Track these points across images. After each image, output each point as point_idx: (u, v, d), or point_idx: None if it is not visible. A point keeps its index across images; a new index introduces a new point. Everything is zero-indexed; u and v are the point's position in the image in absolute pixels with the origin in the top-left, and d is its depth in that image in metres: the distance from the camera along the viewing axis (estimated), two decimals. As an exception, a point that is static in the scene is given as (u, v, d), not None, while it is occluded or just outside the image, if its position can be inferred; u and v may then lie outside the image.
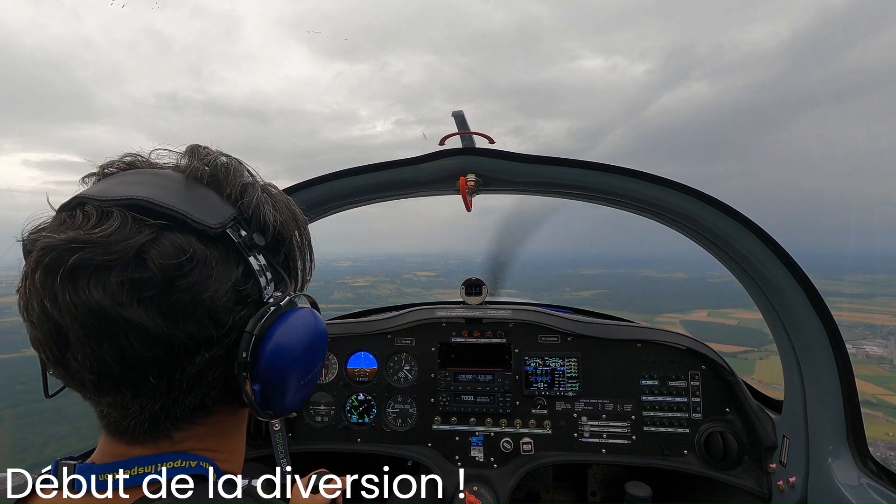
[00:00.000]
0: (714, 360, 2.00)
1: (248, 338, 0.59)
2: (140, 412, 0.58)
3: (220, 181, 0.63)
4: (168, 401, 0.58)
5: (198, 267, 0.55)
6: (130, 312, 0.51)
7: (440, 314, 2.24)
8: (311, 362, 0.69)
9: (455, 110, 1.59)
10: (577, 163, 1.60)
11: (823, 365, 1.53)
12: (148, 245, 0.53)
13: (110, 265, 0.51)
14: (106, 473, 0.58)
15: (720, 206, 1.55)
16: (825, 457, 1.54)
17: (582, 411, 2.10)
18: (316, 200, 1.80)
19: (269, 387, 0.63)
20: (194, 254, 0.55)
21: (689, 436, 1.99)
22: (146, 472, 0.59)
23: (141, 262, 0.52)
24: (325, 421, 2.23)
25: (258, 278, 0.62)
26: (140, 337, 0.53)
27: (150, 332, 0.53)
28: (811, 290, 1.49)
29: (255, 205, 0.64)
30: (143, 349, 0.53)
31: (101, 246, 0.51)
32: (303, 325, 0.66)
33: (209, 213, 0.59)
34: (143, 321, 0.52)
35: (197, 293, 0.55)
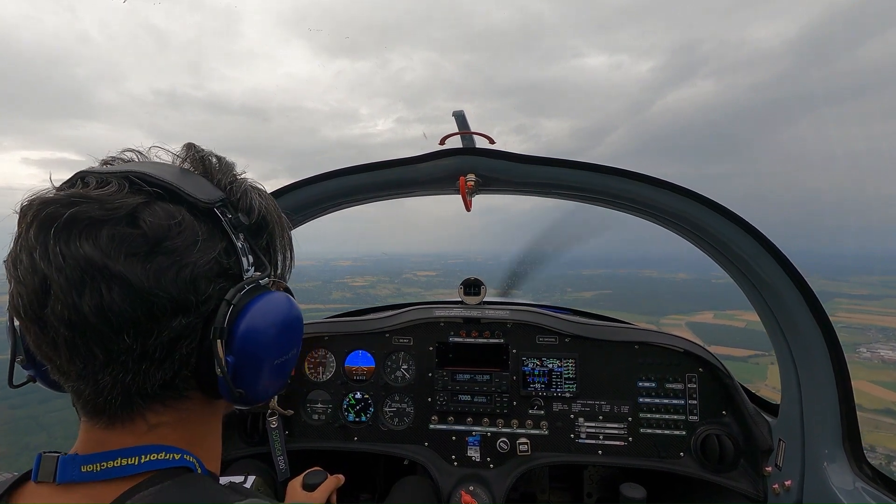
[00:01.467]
0: (711, 363, 2.00)
1: (227, 307, 0.61)
2: (112, 385, 0.58)
3: (211, 172, 0.69)
4: (139, 371, 0.58)
5: (185, 233, 0.58)
6: (117, 265, 0.53)
7: (438, 314, 2.24)
8: (286, 345, 0.69)
9: (455, 110, 1.59)
10: (577, 164, 1.61)
11: (820, 368, 1.53)
12: (141, 207, 0.56)
13: (104, 220, 0.54)
14: (90, 464, 0.58)
15: (718, 209, 1.55)
16: (821, 460, 1.54)
17: (579, 412, 2.10)
18: (315, 199, 1.81)
19: (243, 361, 0.63)
20: (183, 220, 0.59)
21: (686, 438, 1.99)
22: (130, 464, 0.59)
23: (133, 220, 0.55)
24: (322, 419, 2.23)
25: (240, 257, 0.65)
26: (122, 291, 0.54)
27: (133, 286, 0.54)
28: (808, 293, 1.50)
29: (243, 191, 0.69)
30: (124, 304, 0.54)
31: (98, 202, 0.54)
32: (280, 305, 0.68)
33: (200, 191, 0.63)
34: (127, 275, 0.54)
35: (181, 257, 0.58)
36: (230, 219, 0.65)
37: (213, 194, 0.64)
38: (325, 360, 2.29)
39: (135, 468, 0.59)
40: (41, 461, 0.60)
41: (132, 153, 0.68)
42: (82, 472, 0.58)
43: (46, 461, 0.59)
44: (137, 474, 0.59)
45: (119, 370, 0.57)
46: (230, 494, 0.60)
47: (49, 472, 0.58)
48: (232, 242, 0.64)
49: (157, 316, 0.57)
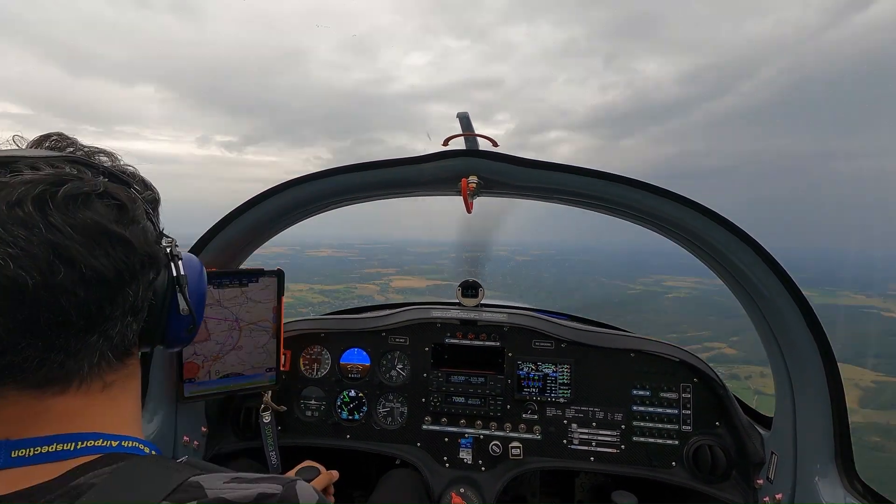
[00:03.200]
0: (706, 374, 2.00)
1: (177, 259, 0.75)
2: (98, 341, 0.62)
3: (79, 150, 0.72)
4: (124, 325, 0.65)
5: (139, 206, 0.67)
6: (118, 228, 0.61)
7: (435, 314, 2.24)
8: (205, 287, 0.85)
9: (460, 112, 1.59)
10: (580, 170, 1.60)
11: (815, 384, 1.53)
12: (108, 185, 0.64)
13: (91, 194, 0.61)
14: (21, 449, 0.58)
15: (718, 219, 1.55)
16: (812, 475, 1.54)
17: (572, 418, 2.10)
18: (317, 195, 1.80)
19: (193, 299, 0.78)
20: (135, 196, 0.68)
21: (678, 448, 1.99)
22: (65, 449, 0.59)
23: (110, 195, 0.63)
24: (316, 416, 2.23)
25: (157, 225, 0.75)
26: (123, 249, 0.62)
27: (131, 244, 0.63)
28: (806, 307, 1.50)
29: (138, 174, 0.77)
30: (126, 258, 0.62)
31: (81, 180, 0.61)
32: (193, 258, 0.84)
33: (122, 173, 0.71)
34: (127, 234, 0.62)
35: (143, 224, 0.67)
36: (146, 196, 0.74)
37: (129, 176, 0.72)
38: (320, 357, 2.29)
39: (70, 453, 0.59)
40: None
41: None
42: (11, 458, 0.57)
43: None
44: (72, 458, 0.59)
45: (111, 325, 0.63)
46: (187, 470, 0.61)
47: None
48: (151, 214, 0.74)
49: (144, 270, 0.66)
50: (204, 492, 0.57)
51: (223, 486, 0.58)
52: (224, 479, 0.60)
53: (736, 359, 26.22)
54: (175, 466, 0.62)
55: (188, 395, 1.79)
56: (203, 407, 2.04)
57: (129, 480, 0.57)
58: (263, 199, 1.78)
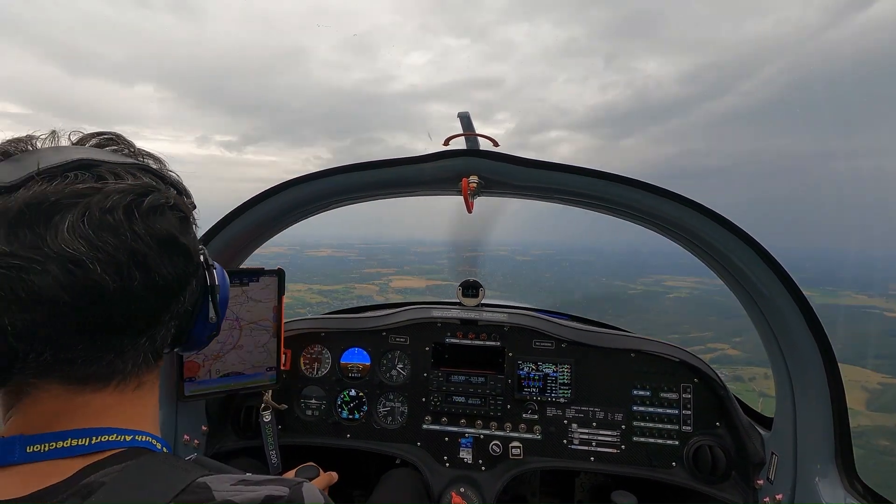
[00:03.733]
0: (707, 374, 2.00)
1: (212, 269, 0.77)
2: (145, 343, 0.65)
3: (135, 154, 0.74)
4: (168, 328, 0.68)
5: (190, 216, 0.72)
6: (182, 238, 0.66)
7: (436, 314, 2.24)
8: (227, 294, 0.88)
9: (461, 111, 1.59)
10: (581, 170, 1.60)
11: (815, 384, 1.53)
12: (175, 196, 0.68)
13: (167, 205, 0.65)
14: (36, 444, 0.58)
15: (718, 219, 1.55)
16: (812, 475, 1.54)
17: (572, 418, 2.10)
18: (318, 195, 1.80)
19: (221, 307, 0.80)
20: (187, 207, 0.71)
21: (678, 448, 1.99)
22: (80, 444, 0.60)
23: (177, 206, 0.67)
24: (316, 415, 2.23)
25: None
26: (184, 258, 0.67)
27: (190, 254, 0.68)
28: (807, 308, 1.50)
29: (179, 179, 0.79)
30: (185, 267, 0.67)
31: (159, 192, 0.65)
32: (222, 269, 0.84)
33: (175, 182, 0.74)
34: (189, 245, 0.67)
35: (194, 232, 0.73)
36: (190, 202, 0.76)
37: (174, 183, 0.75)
38: (320, 357, 2.29)
39: (84, 448, 0.60)
40: None
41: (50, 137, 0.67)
42: (27, 454, 0.57)
43: None
44: (87, 454, 0.59)
45: (160, 329, 0.67)
46: (196, 470, 0.61)
47: None
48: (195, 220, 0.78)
49: (192, 278, 0.70)
50: (211, 493, 0.57)
51: (230, 489, 0.58)
52: (231, 481, 0.60)
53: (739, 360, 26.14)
54: (184, 466, 0.62)
55: (188, 394, 1.79)
56: (203, 406, 2.05)
57: (138, 480, 0.57)
58: (264, 198, 1.78)
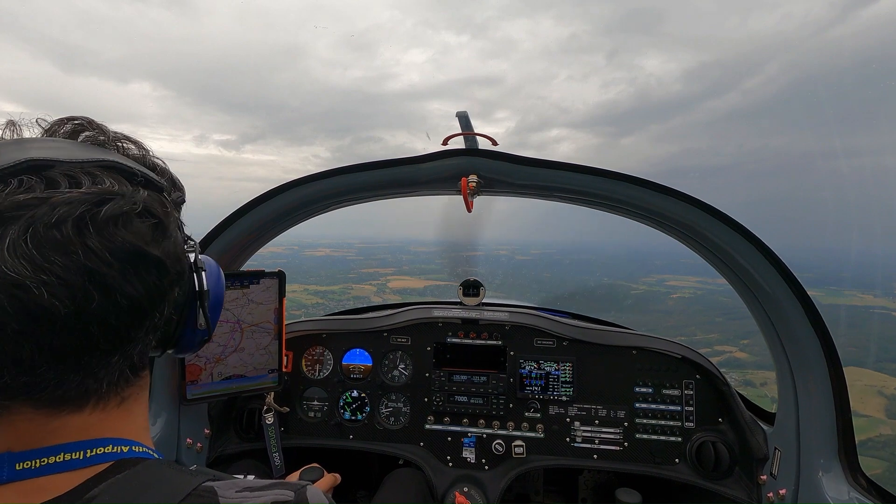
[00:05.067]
0: (709, 370, 2.00)
1: (200, 272, 0.71)
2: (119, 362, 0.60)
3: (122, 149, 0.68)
4: (145, 343, 0.62)
5: (171, 215, 0.64)
6: (153, 249, 0.58)
7: (437, 314, 2.24)
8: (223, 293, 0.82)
9: (459, 111, 1.59)
10: (580, 168, 1.61)
11: (818, 380, 1.53)
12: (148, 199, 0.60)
13: (131, 213, 0.57)
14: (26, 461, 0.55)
15: (719, 216, 1.55)
16: (816, 470, 1.54)
17: (575, 416, 2.10)
18: (317, 196, 1.80)
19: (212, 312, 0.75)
20: (169, 206, 0.65)
21: (681, 444, 1.99)
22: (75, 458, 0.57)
23: (149, 211, 0.60)
24: (318, 417, 2.23)
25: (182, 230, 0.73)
26: (157, 271, 0.59)
27: (164, 265, 0.60)
28: (808, 304, 1.50)
29: (168, 171, 0.73)
30: (159, 281, 0.60)
31: (122, 197, 0.57)
32: (212, 262, 0.80)
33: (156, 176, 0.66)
34: (161, 256, 0.59)
35: (175, 236, 0.64)
36: (175, 198, 0.70)
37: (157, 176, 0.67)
38: (322, 358, 2.29)
39: (80, 462, 0.57)
40: None
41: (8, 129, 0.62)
42: (16, 471, 0.54)
43: None
44: (85, 468, 0.57)
45: (133, 346, 0.60)
46: (199, 475, 0.60)
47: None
48: (178, 218, 0.71)
49: (171, 289, 0.63)
50: (217, 498, 0.56)
51: (236, 496, 0.57)
52: (236, 488, 0.59)
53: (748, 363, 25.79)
54: (189, 471, 0.61)
55: (191, 398, 1.79)
56: (206, 409, 2.04)
57: (145, 484, 0.56)
58: (264, 200, 1.79)
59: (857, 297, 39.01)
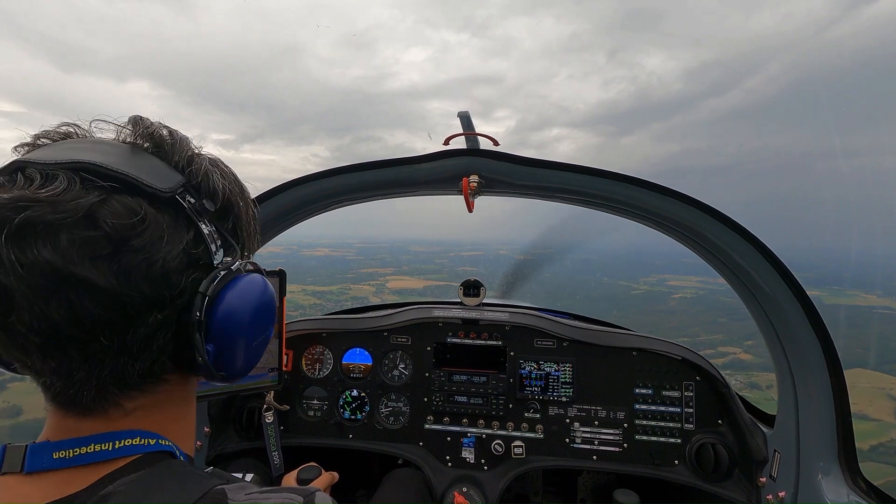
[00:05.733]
0: (709, 372, 2.00)
1: (202, 298, 0.60)
2: (87, 378, 0.56)
3: (165, 151, 0.63)
4: (117, 365, 0.57)
5: (150, 228, 0.55)
6: (82, 270, 0.51)
7: (437, 314, 2.24)
8: (262, 325, 0.70)
9: (461, 111, 1.59)
10: (581, 168, 1.61)
11: (818, 382, 1.53)
12: (98, 205, 0.52)
13: (59, 224, 0.50)
14: (62, 450, 0.57)
15: (720, 217, 1.55)
16: (815, 473, 1.54)
17: (574, 417, 2.10)
18: (318, 195, 1.81)
19: (222, 348, 0.64)
20: (146, 216, 0.55)
21: (681, 446, 1.99)
22: (104, 449, 0.58)
23: (92, 221, 0.52)
24: (318, 416, 2.23)
25: (208, 243, 0.63)
26: (92, 296, 0.52)
27: (103, 290, 0.52)
28: (809, 306, 1.50)
29: (204, 173, 0.65)
30: (95, 308, 0.52)
31: (50, 204, 0.50)
32: (253, 288, 0.67)
33: (158, 178, 0.59)
34: (95, 279, 0.51)
35: (149, 254, 0.55)
36: (194, 205, 0.62)
37: (172, 180, 0.60)
38: (322, 357, 2.29)
39: (108, 453, 0.58)
40: (6, 452, 0.57)
41: (70, 128, 0.63)
42: (53, 459, 0.56)
43: (12, 452, 0.57)
44: (112, 460, 0.58)
45: (95, 366, 0.56)
46: (213, 479, 0.60)
47: (16, 462, 0.56)
48: (199, 230, 0.62)
49: (131, 315, 0.56)
50: (227, 501, 0.56)
51: (245, 498, 0.57)
52: (246, 491, 0.59)
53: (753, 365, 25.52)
54: (201, 473, 0.61)
55: (191, 396, 1.79)
56: (205, 407, 2.05)
57: (157, 485, 0.56)
58: (264, 200, 1.79)
59: (861, 297, 38.72)
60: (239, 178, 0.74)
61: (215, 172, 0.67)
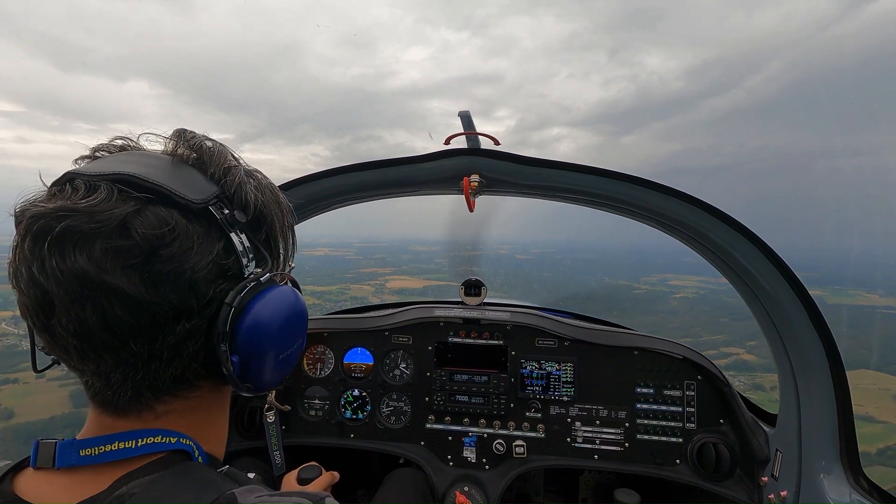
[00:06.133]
0: (710, 371, 2.00)
1: (227, 309, 0.61)
2: (122, 381, 0.60)
3: (204, 162, 0.66)
4: (149, 370, 0.60)
5: (179, 238, 0.57)
6: (114, 279, 0.53)
7: (438, 313, 2.24)
8: (290, 338, 0.70)
9: (461, 110, 1.59)
10: (582, 168, 1.61)
11: (820, 382, 1.53)
12: (132, 216, 0.55)
13: (95, 233, 0.53)
14: (88, 448, 0.59)
15: (722, 217, 1.55)
16: (817, 472, 1.54)
17: (576, 416, 2.10)
18: (319, 195, 1.81)
19: (248, 359, 0.65)
20: (176, 226, 0.57)
21: (682, 445, 1.99)
22: (127, 447, 0.60)
23: (125, 231, 0.54)
24: (319, 415, 2.24)
25: (239, 254, 0.64)
26: (122, 303, 0.54)
27: (132, 298, 0.55)
28: (811, 305, 1.49)
29: (237, 184, 0.66)
30: (126, 315, 0.55)
31: (87, 214, 0.53)
32: (282, 300, 0.68)
33: (192, 189, 0.61)
34: (125, 288, 0.54)
35: (179, 263, 0.57)
36: (226, 216, 0.63)
37: (206, 191, 0.62)
38: (323, 357, 2.30)
39: (132, 451, 0.60)
40: (39, 448, 0.60)
41: (123, 140, 0.67)
42: (81, 456, 0.58)
43: (44, 447, 0.59)
44: (135, 458, 0.60)
45: (129, 370, 0.59)
46: (226, 482, 0.61)
47: (48, 457, 0.59)
48: (230, 241, 0.63)
49: (160, 323, 0.58)
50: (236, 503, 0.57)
51: (255, 500, 0.58)
52: (256, 494, 0.59)
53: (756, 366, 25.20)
54: (214, 478, 0.62)
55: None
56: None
57: (168, 490, 0.57)
58: None
59: (863, 297, 38.46)
60: (276, 189, 0.76)
61: (249, 183, 0.69)
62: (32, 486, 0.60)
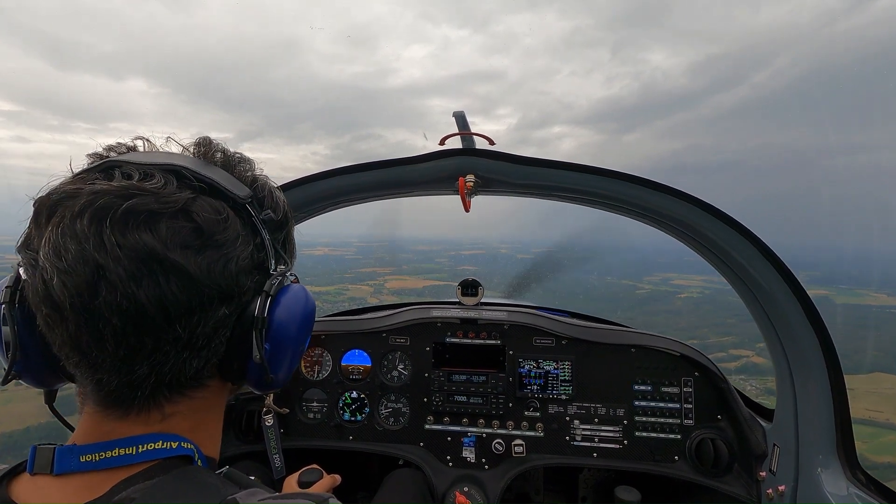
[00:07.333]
0: (707, 367, 2.00)
1: (266, 297, 0.66)
2: (147, 375, 0.59)
3: (231, 167, 0.71)
4: (179, 360, 0.60)
5: (230, 228, 0.62)
6: (176, 256, 0.56)
7: (435, 314, 2.24)
8: (307, 332, 0.75)
9: (456, 110, 1.60)
10: (577, 167, 1.61)
11: (816, 376, 1.53)
12: (191, 202, 0.59)
13: (161, 213, 0.56)
14: (89, 454, 0.58)
15: (717, 214, 1.55)
16: (815, 466, 1.54)
17: (574, 415, 2.10)
18: (314, 197, 1.81)
19: (276, 348, 0.68)
20: (228, 216, 0.62)
21: (681, 442, 1.99)
22: (128, 453, 0.59)
23: (187, 214, 0.58)
24: (318, 418, 2.24)
25: (269, 251, 0.69)
26: (180, 281, 0.56)
27: (191, 277, 0.57)
28: (806, 301, 1.50)
29: (268, 189, 0.73)
30: (181, 293, 0.57)
31: (154, 195, 0.56)
32: (303, 296, 0.73)
33: (235, 187, 0.66)
34: (186, 265, 0.56)
35: (228, 250, 0.61)
36: (262, 215, 0.69)
37: (244, 191, 0.67)
38: (321, 359, 2.30)
39: (132, 458, 0.59)
40: (36, 453, 0.59)
41: (141, 141, 0.69)
42: (81, 462, 0.58)
43: (42, 452, 0.59)
44: (135, 464, 0.59)
45: (161, 359, 0.59)
46: (227, 486, 0.61)
47: (45, 463, 0.58)
48: (263, 238, 0.68)
49: (206, 306, 0.60)
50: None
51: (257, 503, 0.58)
52: (258, 497, 0.59)
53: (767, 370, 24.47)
54: (215, 482, 0.62)
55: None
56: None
57: (168, 496, 0.57)
58: None
59: (871, 297, 37.96)
60: None
61: (277, 190, 0.75)
62: (30, 491, 0.59)
